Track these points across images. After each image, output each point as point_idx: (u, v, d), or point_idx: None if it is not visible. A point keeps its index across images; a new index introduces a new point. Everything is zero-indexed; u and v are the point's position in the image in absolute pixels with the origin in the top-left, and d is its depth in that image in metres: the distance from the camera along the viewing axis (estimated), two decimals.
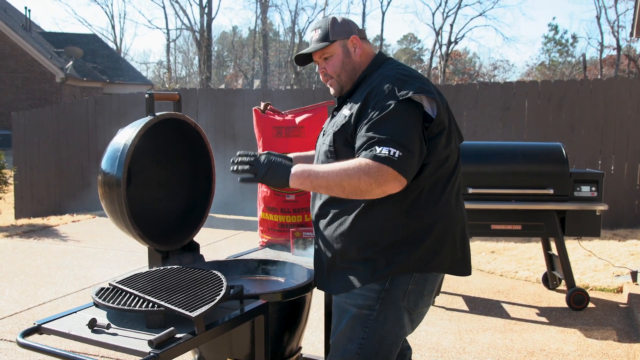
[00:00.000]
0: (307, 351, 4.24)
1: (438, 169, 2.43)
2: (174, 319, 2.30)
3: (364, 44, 2.66)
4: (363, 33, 2.69)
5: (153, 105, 2.89)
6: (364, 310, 2.46)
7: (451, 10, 45.98)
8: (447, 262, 2.49)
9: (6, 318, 5.37)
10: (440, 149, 2.41)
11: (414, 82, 2.40)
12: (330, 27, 2.63)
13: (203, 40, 39.93)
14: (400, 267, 2.41)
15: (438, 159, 2.41)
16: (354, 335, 2.47)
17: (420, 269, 2.44)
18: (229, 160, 2.76)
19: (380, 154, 2.27)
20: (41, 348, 2.18)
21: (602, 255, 7.34)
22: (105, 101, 12.68)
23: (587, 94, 10.01)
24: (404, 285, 2.44)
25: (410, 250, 2.41)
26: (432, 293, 2.56)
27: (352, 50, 2.63)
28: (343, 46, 2.63)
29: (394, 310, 2.45)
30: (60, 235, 9.35)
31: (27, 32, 31.06)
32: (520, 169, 5.72)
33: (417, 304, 2.50)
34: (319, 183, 2.39)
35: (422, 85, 2.40)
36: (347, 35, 2.63)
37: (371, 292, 2.44)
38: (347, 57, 2.63)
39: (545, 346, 4.82)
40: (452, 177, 2.50)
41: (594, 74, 39.62)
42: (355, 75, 2.64)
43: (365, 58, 2.65)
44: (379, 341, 2.46)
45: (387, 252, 2.41)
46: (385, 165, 2.25)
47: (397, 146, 2.26)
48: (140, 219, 2.83)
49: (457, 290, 6.31)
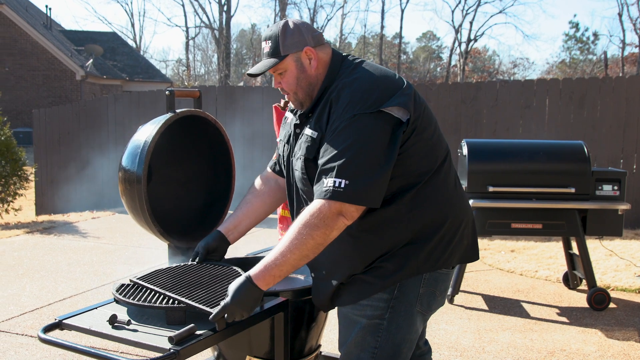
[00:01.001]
0: (327, 349, 4.23)
1: (426, 164, 2.32)
2: (195, 315, 2.30)
3: (320, 53, 2.41)
4: (318, 39, 2.43)
5: (174, 102, 2.89)
6: (374, 320, 2.36)
7: (471, 8, 46.01)
8: (457, 254, 2.44)
9: (27, 313, 5.41)
10: (420, 145, 2.29)
11: (372, 92, 2.23)
12: (281, 40, 2.37)
13: (222, 38, 40.08)
14: (408, 270, 2.31)
15: (422, 155, 2.30)
16: (366, 344, 2.38)
17: (430, 269, 2.35)
18: (248, 157, 2.75)
19: (324, 188, 2.16)
20: (62, 344, 2.19)
21: (623, 255, 7.27)
22: (125, 98, 12.74)
23: (609, 92, 9.91)
24: (415, 290, 2.35)
25: (416, 252, 2.32)
26: (445, 292, 2.49)
27: (307, 64, 2.39)
28: (296, 60, 2.39)
29: (407, 318, 2.37)
30: (80, 232, 9.41)
31: (48, 30, 31.36)
32: (541, 167, 5.67)
33: (431, 306, 2.44)
34: (287, 270, 2.21)
35: (381, 95, 2.22)
36: (299, 48, 2.38)
37: (379, 302, 2.35)
38: (302, 72, 2.39)
39: (565, 346, 4.78)
40: (444, 167, 2.38)
41: (616, 71, 39.31)
42: (314, 90, 2.41)
43: (323, 68, 2.41)
44: (392, 349, 2.38)
45: (394, 259, 2.31)
46: (331, 202, 2.15)
47: (345, 173, 2.14)
48: (160, 215, 2.83)
49: (476, 289, 6.28)
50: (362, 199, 2.16)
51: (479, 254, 2.55)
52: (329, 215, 2.16)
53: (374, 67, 2.37)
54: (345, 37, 50.02)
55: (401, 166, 2.26)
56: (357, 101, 2.22)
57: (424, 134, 2.31)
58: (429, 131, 2.34)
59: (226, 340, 2.53)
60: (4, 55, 28.28)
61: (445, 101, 10.21)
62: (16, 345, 4.70)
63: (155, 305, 2.26)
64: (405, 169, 2.28)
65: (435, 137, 2.38)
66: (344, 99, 2.25)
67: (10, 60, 28.32)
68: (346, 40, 51.35)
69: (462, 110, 10.22)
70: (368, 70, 2.34)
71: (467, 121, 10.21)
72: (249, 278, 2.21)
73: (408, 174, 2.29)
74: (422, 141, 2.30)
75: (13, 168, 10.81)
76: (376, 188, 2.18)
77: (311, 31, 2.43)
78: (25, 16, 29.51)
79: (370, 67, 2.37)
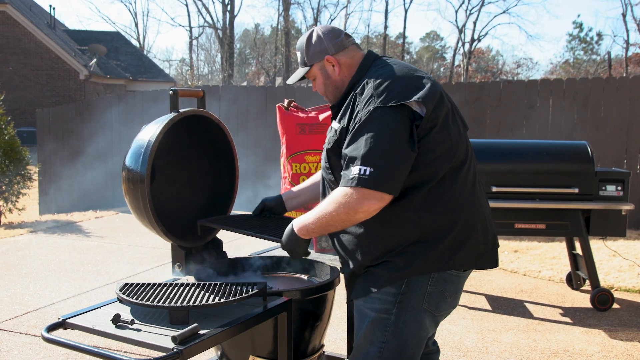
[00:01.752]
0: (330, 349, 4.23)
1: (442, 163, 2.36)
2: (198, 315, 2.30)
3: (343, 57, 2.59)
4: (341, 44, 2.60)
5: (177, 101, 2.89)
6: (382, 314, 2.42)
7: (474, 8, 45.92)
8: (470, 258, 2.44)
9: (31, 313, 5.42)
10: (438, 142, 2.34)
11: (394, 86, 2.34)
12: (306, 51, 2.63)
13: (225, 37, 40.11)
14: (417, 267, 2.36)
15: (439, 153, 2.34)
16: (375, 338, 2.44)
17: (439, 268, 2.38)
18: (251, 157, 2.80)
19: (351, 175, 2.28)
20: (66, 343, 2.20)
21: (627, 256, 7.25)
22: (128, 98, 12.75)
23: (613, 92, 9.89)
24: (422, 287, 2.39)
25: (427, 250, 2.35)
26: (455, 294, 2.51)
27: (331, 70, 2.60)
28: (321, 68, 2.61)
29: (414, 314, 2.41)
30: (84, 231, 9.43)
31: (52, 29, 31.41)
32: (544, 168, 5.66)
33: (439, 306, 2.45)
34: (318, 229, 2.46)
35: (403, 90, 2.33)
36: (321, 57, 2.60)
37: (388, 296, 2.40)
38: (327, 78, 2.62)
39: (569, 347, 4.78)
40: (462, 169, 2.42)
41: (619, 72, 39.24)
42: (341, 91, 2.60)
43: (349, 71, 2.59)
44: (399, 345, 2.42)
45: (404, 255, 2.36)
46: (357, 188, 2.26)
47: (369, 161, 2.26)
48: (164, 215, 2.84)
49: (479, 290, 6.27)
50: (385, 185, 2.26)
51: (497, 261, 2.58)
52: (354, 199, 2.28)
53: (403, 66, 2.49)
54: None
55: (417, 160, 2.32)
56: (379, 94, 2.33)
57: (444, 132, 2.36)
58: (450, 131, 2.39)
59: (229, 340, 2.54)
60: (8, 54, 28.32)
61: None
62: (20, 344, 4.71)
63: (159, 304, 2.26)
64: (421, 164, 2.33)
65: (456, 138, 2.42)
66: (367, 93, 2.36)
67: (14, 60, 28.37)
68: None
69: (466, 111, 10.21)
70: (394, 68, 2.46)
71: (470, 121, 10.19)
72: (292, 226, 2.54)
73: (423, 170, 2.34)
74: (441, 138, 2.35)
75: (17, 167, 10.82)
76: (399, 176, 2.28)
77: (334, 38, 2.61)
78: (29, 16, 29.56)
79: (399, 65, 2.49)
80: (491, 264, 2.55)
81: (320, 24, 43.72)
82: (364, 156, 2.26)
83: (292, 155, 4.18)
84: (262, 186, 10.90)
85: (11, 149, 10.74)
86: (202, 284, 2.52)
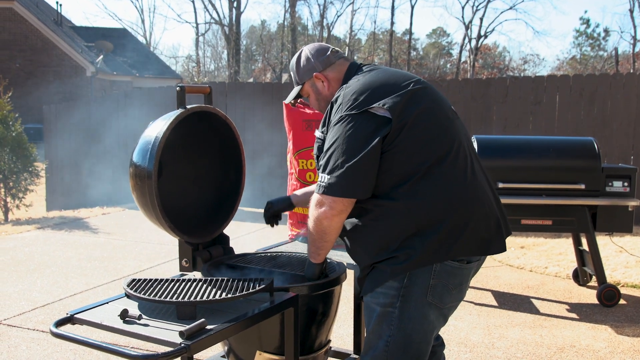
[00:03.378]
0: (336, 344, 4.24)
1: (419, 160, 2.39)
2: (205, 310, 2.31)
3: (331, 73, 2.73)
4: (327, 61, 2.74)
5: (184, 97, 2.90)
6: (387, 308, 2.46)
7: (481, 4, 45.74)
8: (471, 245, 2.44)
9: (38, 309, 5.44)
10: (413, 140, 2.39)
11: (360, 94, 2.43)
12: (296, 71, 2.80)
13: (232, 34, 40.09)
14: (416, 260, 2.38)
15: (415, 150, 2.39)
16: (382, 332, 2.48)
17: (440, 259, 2.39)
18: (258, 153, 2.83)
19: (318, 183, 2.45)
20: (74, 338, 2.21)
21: (634, 252, 7.24)
22: (135, 95, 12.77)
23: (620, 88, 9.87)
24: (425, 280, 2.41)
25: (424, 242, 2.37)
26: (460, 287, 2.51)
27: (321, 86, 2.75)
28: (312, 85, 2.77)
29: (418, 307, 2.43)
30: (91, 228, 9.46)
31: (59, 26, 31.43)
32: (551, 164, 5.66)
33: (444, 299, 2.46)
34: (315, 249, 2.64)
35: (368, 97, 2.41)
36: (310, 75, 2.75)
37: (390, 290, 2.44)
38: (318, 94, 2.77)
39: (575, 342, 4.78)
40: (447, 159, 2.43)
41: (626, 68, 39.06)
42: None
43: (337, 84, 2.71)
44: (405, 338, 2.44)
45: (404, 249, 2.38)
46: (323, 195, 2.41)
47: (332, 168, 2.38)
48: (171, 211, 2.84)
49: (486, 285, 6.27)
50: (341, 191, 2.38)
51: (504, 247, 2.57)
52: (318, 206, 2.44)
53: (377, 74, 2.57)
54: (355, 34, 49.89)
55: (392, 161, 2.39)
56: (346, 103, 2.45)
57: (415, 130, 2.41)
58: (423, 128, 2.43)
59: (236, 335, 2.55)
60: (15, 51, 28.37)
61: (455, 97, 10.18)
62: (28, 340, 4.74)
63: (166, 300, 2.28)
64: (397, 163, 2.39)
65: (436, 132, 2.46)
66: (338, 102, 2.50)
67: (21, 57, 28.41)
68: (356, 37, 51.23)
69: (472, 107, 10.20)
70: (368, 76, 2.56)
71: (477, 117, 10.19)
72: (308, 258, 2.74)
73: (400, 168, 2.39)
74: (413, 137, 2.40)
75: (24, 164, 10.87)
76: (355, 181, 2.38)
77: (320, 55, 2.75)
78: (36, 12, 29.59)
79: (374, 73, 2.59)
80: (495, 250, 2.53)
81: (327, 20, 43.72)
82: (324, 164, 2.42)
83: (298, 151, 4.19)
84: (267, 184, 10.93)
85: (18, 145, 10.79)
86: (209, 280, 2.54)
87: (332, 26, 49.44)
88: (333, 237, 2.54)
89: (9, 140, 10.64)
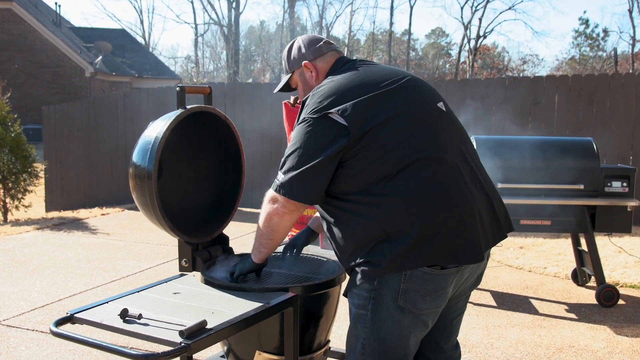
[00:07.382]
0: (336, 344, 4.24)
1: (384, 166, 2.30)
2: (205, 310, 2.31)
3: (320, 63, 2.69)
4: (319, 50, 2.70)
5: (184, 98, 2.90)
6: (360, 310, 2.40)
7: (480, 4, 45.68)
8: (443, 253, 2.31)
9: (37, 309, 5.44)
10: (380, 142, 2.30)
11: (324, 97, 2.38)
12: (287, 59, 2.76)
13: (231, 34, 40.11)
14: (387, 266, 2.29)
15: (377, 157, 2.31)
16: (358, 334, 2.42)
17: (409, 266, 2.29)
18: (257, 154, 2.83)
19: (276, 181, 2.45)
20: (74, 337, 2.21)
21: (632, 252, 7.25)
22: (134, 95, 12.77)
23: (619, 89, 9.88)
24: (395, 284, 2.31)
25: (394, 248, 2.28)
26: (436, 294, 2.37)
27: (309, 76, 2.70)
28: (300, 74, 2.73)
29: (390, 311, 2.35)
30: (90, 228, 9.46)
31: (57, 27, 31.45)
32: (550, 164, 5.66)
33: (417, 305, 2.35)
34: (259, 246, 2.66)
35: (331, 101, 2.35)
36: (299, 64, 2.71)
37: (363, 291, 2.37)
38: (305, 84, 2.72)
39: (574, 342, 4.78)
40: (420, 162, 2.32)
41: (626, 68, 39.10)
42: None
43: (323, 76, 2.66)
44: (379, 342, 2.37)
45: (375, 254, 2.31)
46: (272, 192, 2.45)
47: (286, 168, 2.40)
48: (170, 211, 2.85)
49: (484, 286, 6.28)
50: (291, 193, 2.40)
51: (481, 256, 2.37)
52: (271, 202, 2.48)
53: (354, 74, 2.48)
54: (354, 34, 49.97)
55: (356, 167, 2.33)
56: (311, 105, 2.41)
57: (380, 135, 2.32)
58: (390, 132, 2.34)
59: (236, 335, 2.55)
60: (14, 52, 28.39)
61: (454, 98, 10.19)
62: (27, 340, 4.74)
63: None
64: (361, 171, 2.33)
65: (402, 138, 2.35)
66: (307, 101, 2.46)
67: (20, 57, 28.43)
68: (355, 37, 51.29)
69: (471, 107, 10.19)
70: (342, 77, 2.48)
71: (475, 118, 10.18)
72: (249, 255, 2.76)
73: (364, 174, 2.32)
74: (377, 143, 2.31)
75: (23, 165, 10.86)
76: (304, 187, 2.38)
77: (312, 45, 2.71)
78: (35, 13, 29.61)
79: (352, 73, 2.49)
80: (471, 259, 2.36)
81: (326, 20, 43.73)
82: (282, 163, 2.43)
83: None
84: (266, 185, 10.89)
85: (17, 146, 10.79)
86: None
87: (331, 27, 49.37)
88: (280, 237, 2.56)
89: (8, 141, 10.63)
